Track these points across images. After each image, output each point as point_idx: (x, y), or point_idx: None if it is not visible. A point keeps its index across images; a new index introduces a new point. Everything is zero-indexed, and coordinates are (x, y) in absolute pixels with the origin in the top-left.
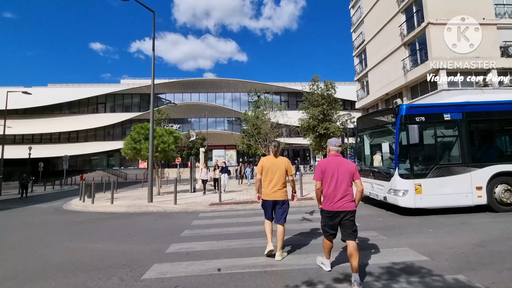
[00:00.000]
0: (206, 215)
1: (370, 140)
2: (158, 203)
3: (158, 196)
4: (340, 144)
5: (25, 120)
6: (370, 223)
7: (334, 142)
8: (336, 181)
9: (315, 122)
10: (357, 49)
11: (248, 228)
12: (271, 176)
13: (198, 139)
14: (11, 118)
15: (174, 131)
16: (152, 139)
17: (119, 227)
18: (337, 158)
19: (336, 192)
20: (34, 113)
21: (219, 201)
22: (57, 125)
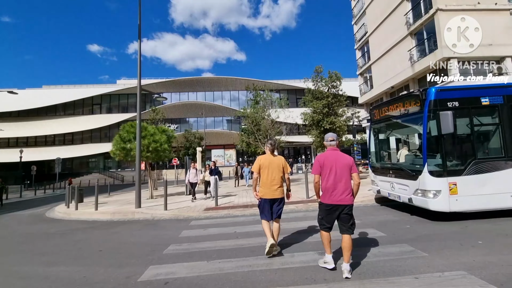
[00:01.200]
0: (199, 223)
1: (388, 132)
2: (147, 209)
3: (150, 201)
4: (333, 138)
5: (19, 123)
6: (398, 232)
7: (330, 137)
8: (335, 175)
9: (320, 116)
10: (359, 41)
11: (247, 241)
12: (269, 174)
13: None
14: (4, 121)
15: (167, 129)
16: (140, 139)
17: (94, 241)
18: (335, 152)
19: (334, 186)
20: (28, 116)
21: (215, 205)
22: (52, 127)
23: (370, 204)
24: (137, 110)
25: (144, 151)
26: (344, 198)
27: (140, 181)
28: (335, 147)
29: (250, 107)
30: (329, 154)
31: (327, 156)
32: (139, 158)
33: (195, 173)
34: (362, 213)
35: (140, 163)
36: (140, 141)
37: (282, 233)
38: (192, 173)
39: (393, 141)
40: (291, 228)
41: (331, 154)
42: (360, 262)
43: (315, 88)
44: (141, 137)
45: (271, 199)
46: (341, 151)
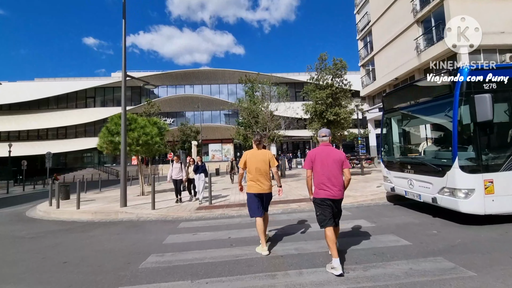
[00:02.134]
0: (188, 225)
1: (405, 122)
2: (132, 208)
3: (141, 198)
4: (326, 134)
5: (10, 116)
6: (425, 240)
7: (323, 133)
8: (326, 170)
9: (323, 107)
10: (362, 31)
11: (243, 251)
12: (256, 169)
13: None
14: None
15: (158, 121)
16: (125, 132)
17: (63, 248)
18: (326, 147)
19: (326, 181)
20: (19, 109)
21: (209, 203)
22: (44, 121)
23: (382, 203)
24: (122, 101)
25: (134, 145)
26: (335, 193)
27: (125, 177)
28: (328, 142)
29: (247, 96)
30: (320, 149)
31: (319, 151)
32: (124, 152)
33: (180, 169)
34: (375, 214)
35: (126, 157)
36: (125, 135)
37: (285, 240)
38: (175, 168)
39: (413, 132)
40: (296, 235)
41: (323, 150)
42: (389, 285)
43: (319, 77)
44: (131, 130)
45: (259, 193)
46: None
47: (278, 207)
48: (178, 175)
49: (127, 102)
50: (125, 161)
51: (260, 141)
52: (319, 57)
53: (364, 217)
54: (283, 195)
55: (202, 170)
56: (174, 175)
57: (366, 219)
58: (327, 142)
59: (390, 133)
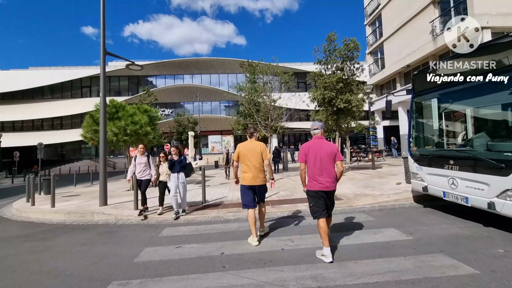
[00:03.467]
0: (173, 232)
1: (446, 105)
2: (113, 208)
3: (129, 193)
4: (317, 127)
5: (3, 106)
6: (498, 268)
7: (316, 126)
8: (320, 163)
9: (332, 93)
10: (370, 16)
11: (239, 278)
12: (248, 161)
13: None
14: None
15: (149, 109)
16: (104, 123)
17: (2, 267)
18: (319, 140)
19: (319, 173)
20: (13, 99)
21: (203, 201)
22: (39, 111)
23: (409, 205)
24: (100, 85)
25: (121, 134)
26: (329, 185)
27: (105, 172)
28: (320, 135)
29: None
30: (313, 142)
31: (312, 145)
32: (104, 142)
33: (146, 165)
34: (406, 220)
35: (105, 148)
36: (104, 125)
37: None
38: (139, 164)
39: (456, 119)
40: (307, 253)
41: (316, 143)
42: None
43: (328, 60)
44: (118, 118)
45: (251, 185)
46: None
47: (284, 208)
48: (144, 174)
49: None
50: (105, 152)
51: (253, 133)
52: (327, 38)
53: (393, 225)
54: (288, 192)
55: (181, 166)
56: (137, 174)
57: (397, 228)
58: (320, 135)
59: (422, 119)
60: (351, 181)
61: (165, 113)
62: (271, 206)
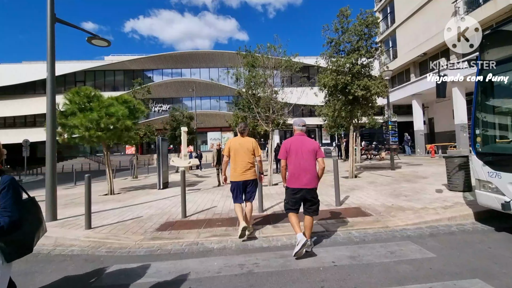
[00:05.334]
0: (118, 276)
1: None
2: (58, 226)
3: (104, 200)
4: (305, 123)
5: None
6: None
7: (299, 122)
8: (301, 159)
9: (347, 78)
10: (381, 1)
11: None
12: (239, 157)
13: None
14: None
15: (130, 100)
16: (52, 110)
17: None
18: (301, 137)
19: (300, 170)
20: (4, 93)
21: (183, 215)
22: (31, 107)
23: (471, 226)
24: (47, 68)
25: (93, 130)
26: (309, 182)
27: (54, 175)
28: (303, 132)
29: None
30: (295, 138)
31: (293, 141)
32: (52, 139)
33: None
34: (483, 255)
35: (54, 146)
36: (52, 115)
37: None
38: None
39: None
40: None
41: (297, 139)
42: None
43: (340, 38)
44: (89, 110)
45: (243, 181)
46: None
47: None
48: None
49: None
50: (53, 151)
51: (245, 129)
52: (339, 13)
53: (475, 272)
54: None
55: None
56: None
57: (487, 281)
58: (302, 132)
59: (495, 104)
60: (373, 185)
61: (163, 109)
62: (272, 226)
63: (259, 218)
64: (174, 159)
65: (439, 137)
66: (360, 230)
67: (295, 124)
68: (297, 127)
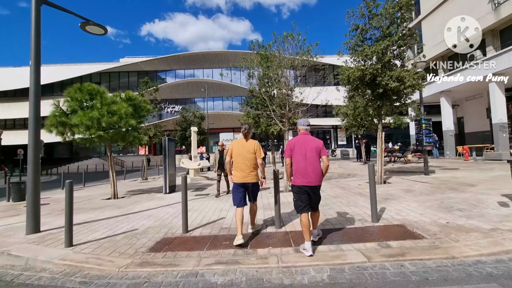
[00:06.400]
0: None
1: None
2: (35, 243)
3: (105, 205)
4: (309, 123)
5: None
6: None
7: (303, 122)
8: (305, 158)
9: (378, 67)
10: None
11: None
12: (241, 159)
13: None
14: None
15: (134, 97)
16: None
17: None
18: (305, 136)
19: (305, 168)
20: (23, 95)
21: (184, 230)
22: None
23: None
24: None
25: (94, 128)
26: (313, 179)
27: (36, 182)
28: (307, 132)
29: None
30: (299, 137)
31: (298, 140)
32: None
33: None
34: None
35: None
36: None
37: None
38: None
39: None
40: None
41: (302, 138)
42: None
43: (368, 25)
44: (89, 107)
45: (243, 183)
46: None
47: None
48: None
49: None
50: (37, 155)
51: (248, 131)
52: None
53: None
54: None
55: None
56: None
57: None
58: (307, 132)
59: None
60: (411, 194)
61: (175, 110)
62: (294, 250)
63: (276, 236)
64: (184, 161)
65: (470, 138)
66: (415, 261)
67: (300, 124)
68: (302, 126)
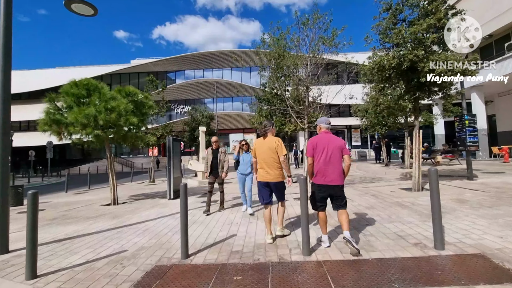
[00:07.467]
0: None
1: None
2: (7, 266)
3: (103, 212)
4: (330, 122)
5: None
6: None
7: (324, 121)
8: (327, 157)
9: (420, 52)
10: None
11: None
12: (261, 157)
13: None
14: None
15: (135, 92)
16: (5, 104)
17: None
18: (327, 134)
19: (327, 167)
20: (37, 97)
21: (183, 256)
22: None
23: None
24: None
25: (90, 127)
26: (335, 178)
27: (4, 190)
28: (328, 130)
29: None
30: (321, 136)
31: (320, 139)
32: (2, 142)
33: None
34: None
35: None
36: (4, 104)
37: None
38: None
39: None
40: None
41: (324, 137)
42: None
43: (402, 4)
44: (87, 104)
45: (265, 182)
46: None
47: None
48: None
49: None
50: (5, 158)
51: (266, 130)
52: None
53: None
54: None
55: None
56: None
57: None
58: (328, 130)
59: None
60: (467, 206)
61: (184, 111)
62: None
63: (307, 270)
64: (192, 162)
65: (503, 138)
66: None
67: (321, 122)
68: (323, 125)
